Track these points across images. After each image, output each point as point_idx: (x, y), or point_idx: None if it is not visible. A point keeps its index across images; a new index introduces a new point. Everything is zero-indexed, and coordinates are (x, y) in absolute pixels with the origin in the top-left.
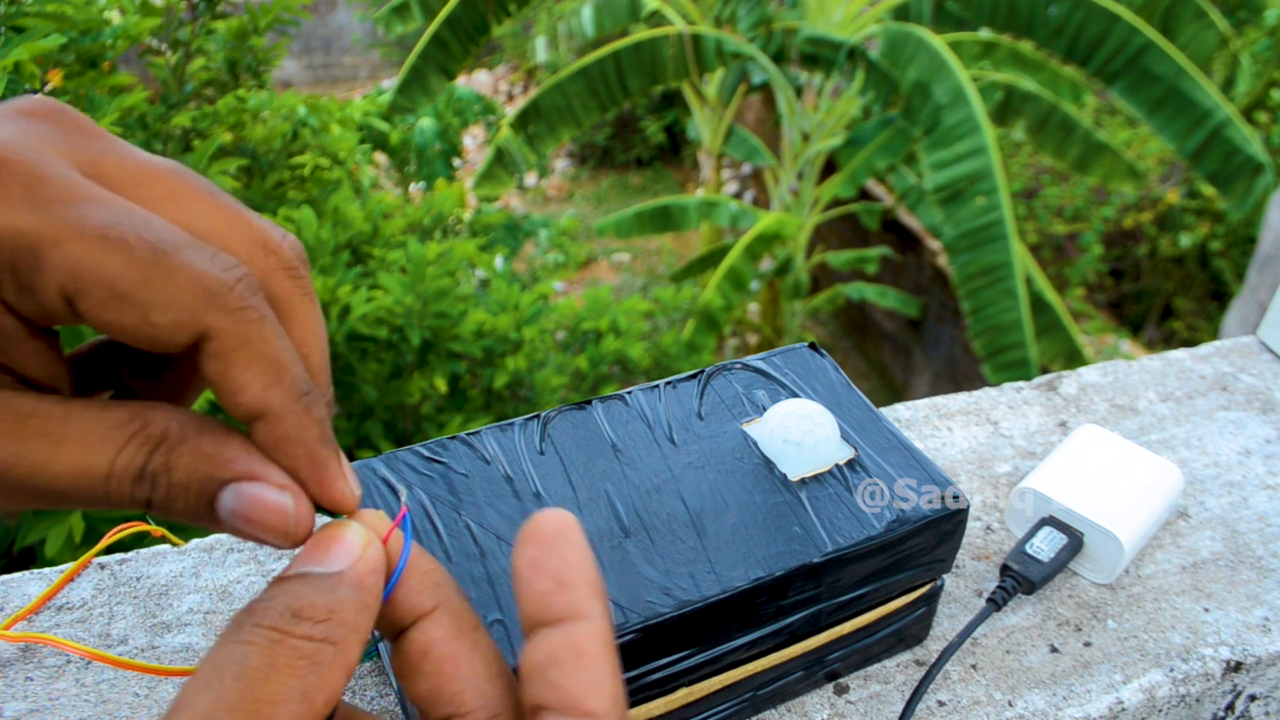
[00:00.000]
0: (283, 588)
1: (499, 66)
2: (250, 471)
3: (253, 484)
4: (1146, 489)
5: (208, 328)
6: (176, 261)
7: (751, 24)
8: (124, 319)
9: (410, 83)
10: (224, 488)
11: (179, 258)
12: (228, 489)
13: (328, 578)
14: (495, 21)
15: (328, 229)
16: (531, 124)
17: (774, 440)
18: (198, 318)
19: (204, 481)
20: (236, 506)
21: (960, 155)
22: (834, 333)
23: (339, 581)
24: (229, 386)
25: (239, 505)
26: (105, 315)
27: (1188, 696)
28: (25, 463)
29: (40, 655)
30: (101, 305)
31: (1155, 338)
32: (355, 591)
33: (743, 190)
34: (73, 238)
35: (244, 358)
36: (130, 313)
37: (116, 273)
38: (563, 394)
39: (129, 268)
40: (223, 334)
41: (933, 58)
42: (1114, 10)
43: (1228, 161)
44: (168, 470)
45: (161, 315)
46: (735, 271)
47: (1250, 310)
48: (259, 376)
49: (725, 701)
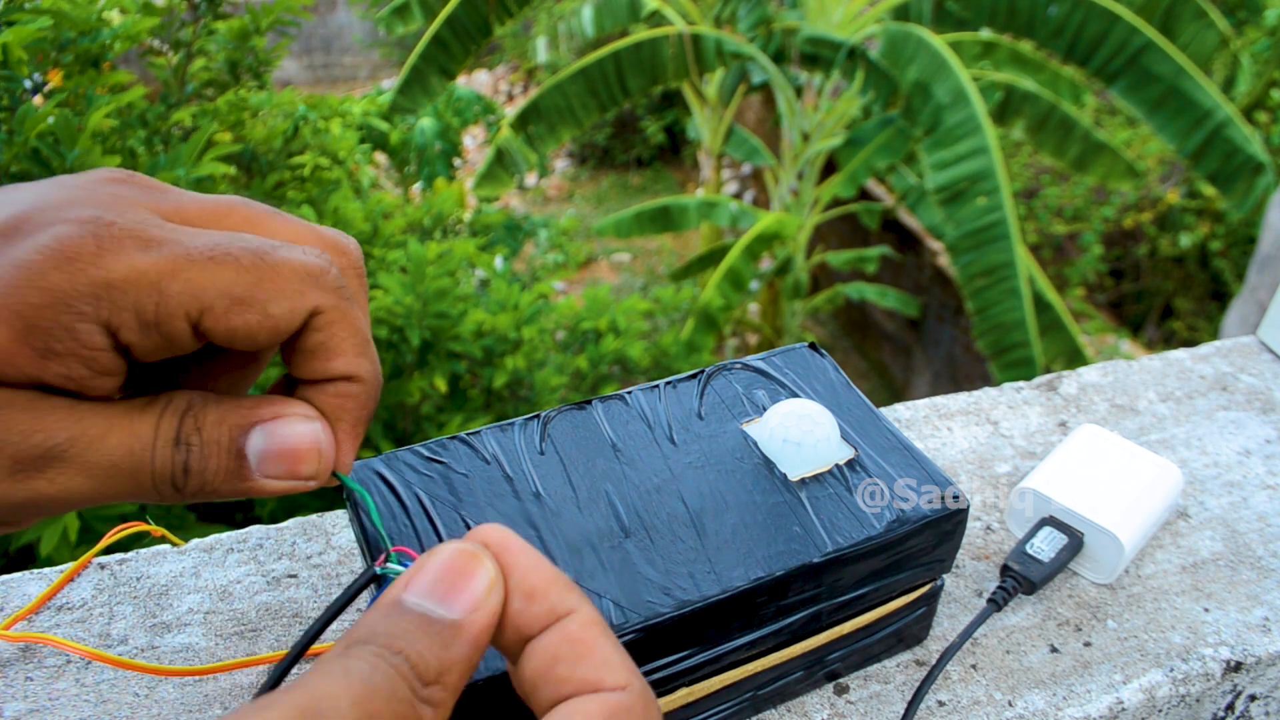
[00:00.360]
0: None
1: (499, 66)
2: (274, 411)
3: (278, 420)
4: (1146, 489)
5: (316, 305)
6: (277, 259)
7: (751, 24)
8: (247, 319)
9: (411, 83)
10: (251, 431)
11: (278, 256)
12: (255, 431)
13: (447, 627)
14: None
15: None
16: (531, 124)
17: (774, 440)
18: (307, 300)
19: (232, 431)
20: (267, 445)
21: (962, 155)
22: (834, 333)
23: (456, 634)
24: (329, 352)
25: (269, 443)
26: (231, 322)
27: (1188, 696)
28: (85, 438)
29: (40, 655)
30: (225, 314)
31: (1155, 338)
32: (469, 650)
33: (743, 190)
34: (185, 267)
35: (343, 328)
36: (252, 312)
37: (232, 281)
38: (562, 394)
39: (241, 275)
40: (328, 308)
41: (933, 57)
42: (1114, 10)
43: (1228, 161)
44: (199, 429)
45: (278, 306)
46: (734, 271)
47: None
48: (354, 346)
49: (725, 701)
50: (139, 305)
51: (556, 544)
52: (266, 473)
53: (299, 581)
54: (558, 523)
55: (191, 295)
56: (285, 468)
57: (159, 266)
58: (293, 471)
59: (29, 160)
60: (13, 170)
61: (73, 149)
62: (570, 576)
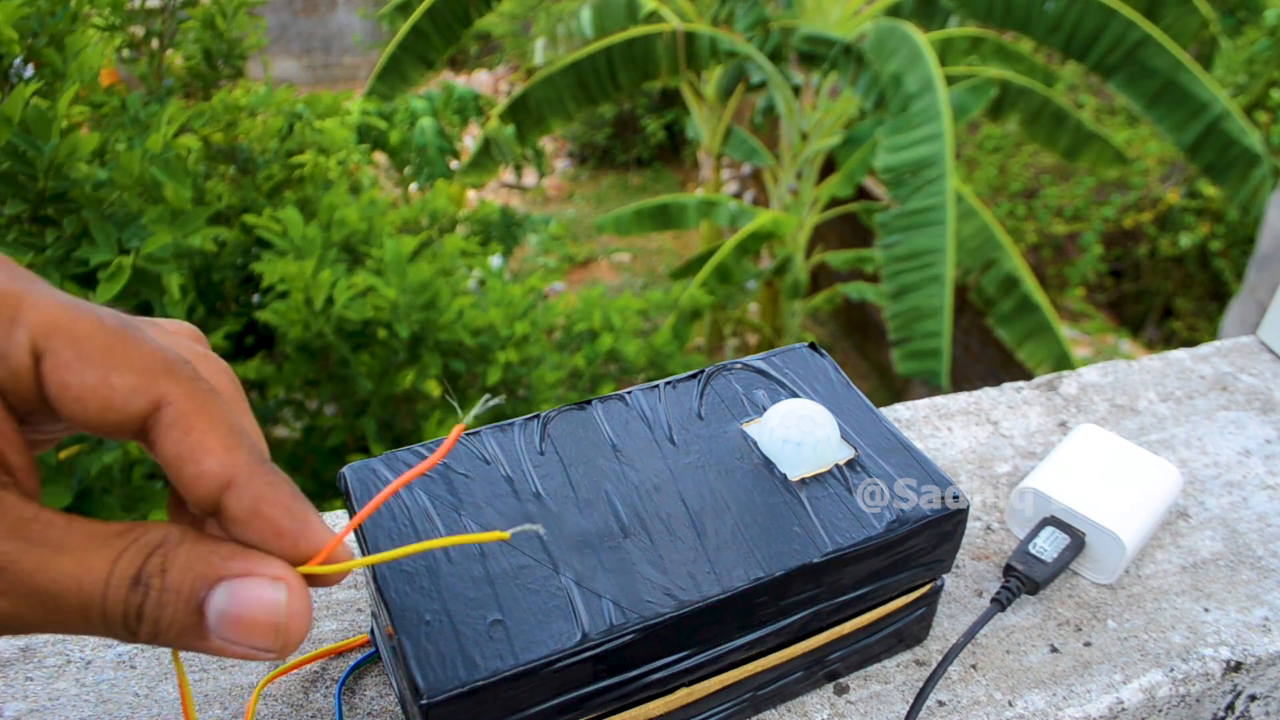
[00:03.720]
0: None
1: (499, 66)
2: (245, 567)
3: (244, 580)
4: (1147, 489)
5: (163, 394)
6: (139, 335)
7: (749, 24)
8: (85, 379)
9: (388, 71)
10: (215, 587)
11: (142, 333)
12: (219, 588)
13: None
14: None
15: (315, 228)
16: (520, 115)
17: (774, 440)
18: (155, 384)
19: (196, 581)
20: (227, 606)
21: (917, 140)
22: (834, 333)
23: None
24: (190, 454)
25: (229, 604)
26: (67, 375)
27: (1188, 696)
28: (29, 558)
29: (40, 655)
30: (66, 365)
31: (1155, 338)
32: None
33: (743, 190)
34: (49, 305)
35: (203, 422)
36: (92, 373)
37: (87, 334)
38: (560, 393)
39: (99, 331)
40: (180, 399)
41: (911, 49)
42: (1110, 4)
43: (1224, 153)
44: (163, 572)
45: (122, 378)
46: (723, 267)
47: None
48: (220, 440)
49: (725, 701)
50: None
51: (556, 544)
52: (222, 635)
53: None
54: (558, 523)
55: (44, 330)
56: (240, 636)
57: (18, 289)
58: (248, 641)
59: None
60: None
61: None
62: (570, 577)
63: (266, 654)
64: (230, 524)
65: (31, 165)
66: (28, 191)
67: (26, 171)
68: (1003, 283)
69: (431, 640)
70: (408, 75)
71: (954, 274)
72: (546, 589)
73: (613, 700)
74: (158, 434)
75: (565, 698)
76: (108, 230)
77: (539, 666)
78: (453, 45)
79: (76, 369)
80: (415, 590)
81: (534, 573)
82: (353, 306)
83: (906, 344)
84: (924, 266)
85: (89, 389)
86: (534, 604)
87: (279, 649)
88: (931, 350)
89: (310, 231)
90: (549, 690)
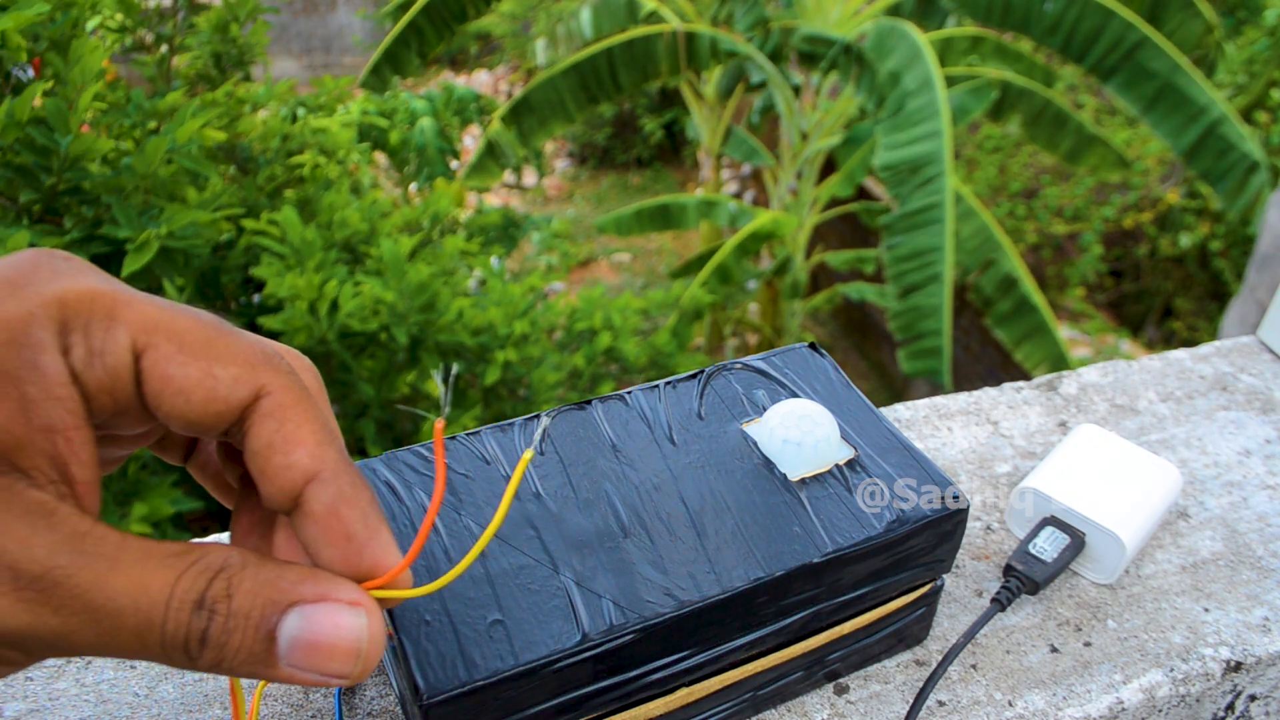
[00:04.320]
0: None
1: (499, 66)
2: (318, 591)
3: (320, 605)
4: (1147, 489)
5: (265, 383)
6: (236, 331)
7: (749, 24)
8: (189, 371)
9: (381, 65)
10: (287, 612)
11: (234, 330)
12: (291, 613)
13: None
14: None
15: (313, 230)
16: (523, 117)
17: (774, 440)
18: (257, 374)
19: (266, 607)
20: (301, 631)
21: (915, 138)
22: (834, 333)
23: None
24: (283, 444)
25: (304, 629)
26: (170, 368)
27: (1188, 696)
28: (85, 574)
29: None
30: (168, 359)
31: (1155, 338)
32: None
33: (743, 190)
34: (145, 302)
35: (298, 415)
36: (196, 365)
37: (187, 328)
38: (560, 393)
39: (198, 326)
40: (280, 388)
41: (910, 48)
42: (1109, 6)
43: (1222, 158)
44: (228, 596)
45: (225, 369)
46: (724, 267)
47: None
48: (313, 434)
49: (725, 701)
50: (89, 325)
51: (556, 544)
52: (294, 662)
53: None
54: (558, 523)
55: (143, 325)
56: (317, 663)
57: (115, 291)
58: (324, 669)
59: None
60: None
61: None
62: (570, 577)
63: (339, 681)
64: (304, 519)
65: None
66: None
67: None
68: (1001, 283)
69: (431, 640)
70: (401, 68)
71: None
72: (546, 589)
73: (613, 700)
74: (252, 423)
75: (565, 698)
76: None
77: (539, 666)
78: (447, 41)
79: (180, 361)
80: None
81: (534, 573)
82: (357, 315)
83: (910, 344)
84: (924, 266)
85: (193, 381)
86: (534, 604)
87: (357, 675)
88: (933, 349)
89: (309, 234)
90: (549, 690)
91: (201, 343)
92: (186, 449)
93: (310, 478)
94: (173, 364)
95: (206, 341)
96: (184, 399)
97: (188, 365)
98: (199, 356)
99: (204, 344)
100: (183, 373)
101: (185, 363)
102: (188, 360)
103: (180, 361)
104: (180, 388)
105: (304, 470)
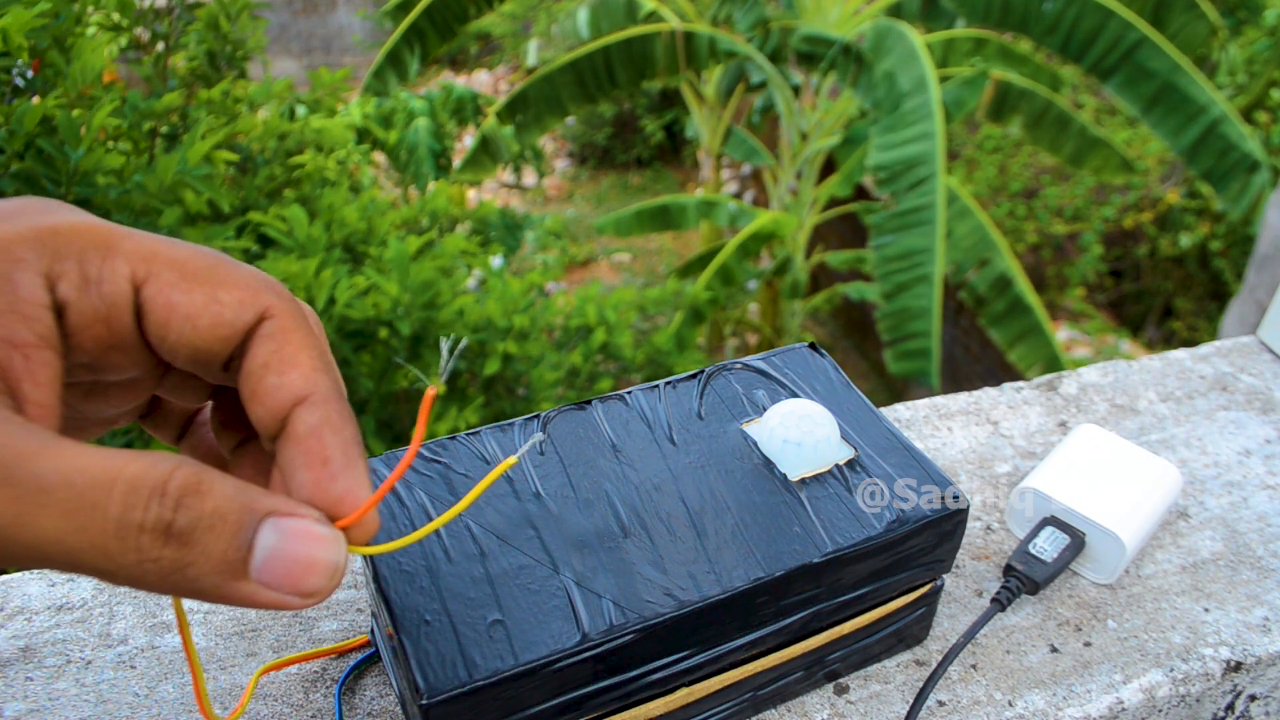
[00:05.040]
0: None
1: (499, 66)
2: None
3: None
4: (1147, 489)
5: (269, 305)
6: (235, 261)
7: (749, 25)
8: (193, 297)
9: (384, 68)
10: (263, 522)
11: (235, 261)
12: (265, 524)
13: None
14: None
15: (319, 227)
16: (518, 112)
17: (774, 440)
18: (261, 296)
19: (243, 512)
20: (280, 543)
21: (909, 139)
22: (834, 333)
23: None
24: (278, 365)
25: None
26: (174, 295)
27: (1188, 696)
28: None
29: (40, 655)
30: (172, 286)
31: (1155, 338)
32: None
33: (743, 190)
34: (145, 237)
35: (298, 338)
36: (200, 290)
37: (187, 258)
38: (559, 391)
39: (198, 256)
40: (282, 312)
41: (907, 49)
42: (1108, 5)
43: (1223, 158)
44: (199, 492)
45: (229, 293)
46: (726, 268)
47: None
48: (310, 359)
49: (725, 701)
50: (84, 255)
51: (556, 544)
52: (266, 578)
53: None
54: (558, 523)
55: (142, 257)
56: (292, 578)
57: (112, 226)
58: (297, 584)
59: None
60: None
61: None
62: (570, 577)
63: (307, 600)
64: (287, 441)
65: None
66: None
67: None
68: (995, 283)
69: (431, 640)
70: (404, 71)
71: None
72: (546, 589)
73: (613, 700)
74: (252, 345)
75: (565, 698)
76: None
77: (539, 666)
78: (449, 42)
79: (184, 288)
80: (415, 590)
81: (534, 573)
82: (355, 306)
83: (897, 344)
84: (913, 266)
85: (199, 306)
86: (534, 604)
87: (324, 594)
88: (921, 350)
89: (315, 231)
90: (549, 690)
91: (204, 270)
92: (181, 427)
93: (300, 400)
94: (176, 291)
95: (208, 269)
96: (190, 325)
97: (192, 291)
98: (202, 283)
99: (206, 271)
100: (188, 299)
101: (189, 289)
102: (191, 287)
103: (184, 289)
104: (186, 314)
105: (295, 391)
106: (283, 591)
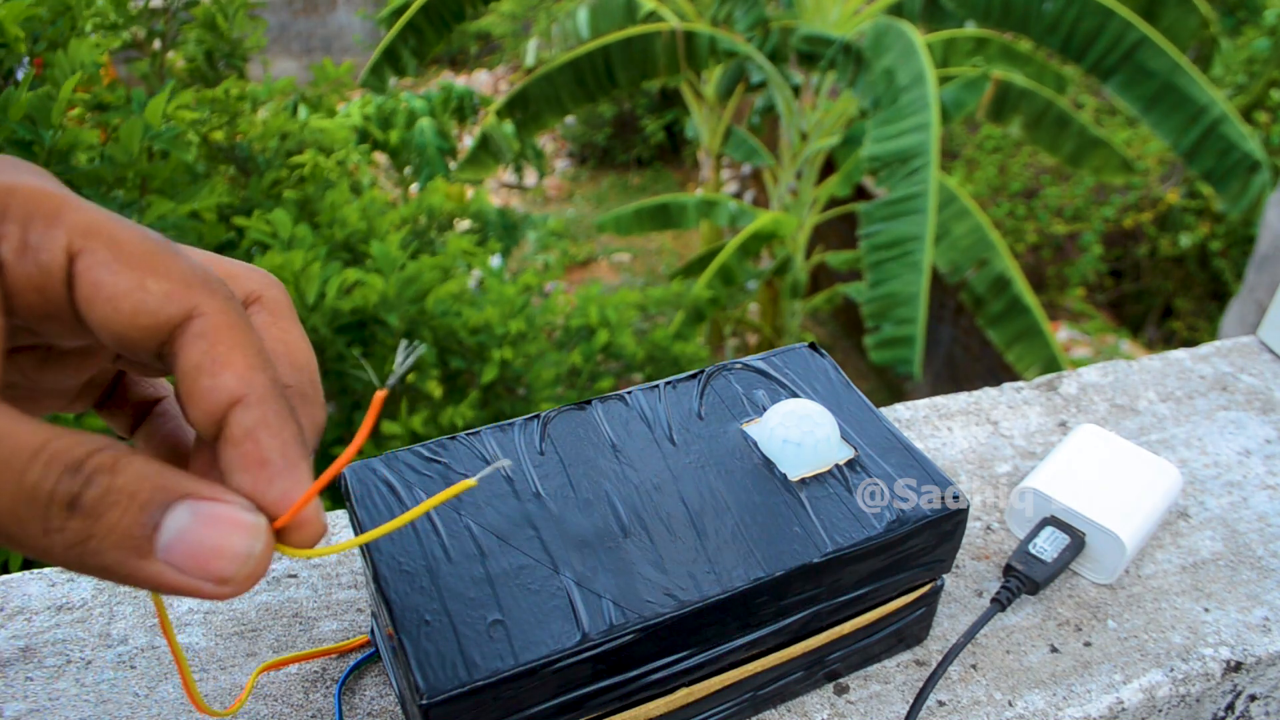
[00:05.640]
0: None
1: (499, 66)
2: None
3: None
4: (1147, 489)
5: (197, 304)
6: (179, 250)
7: (749, 25)
8: (120, 280)
9: (381, 65)
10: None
11: (181, 250)
12: (182, 505)
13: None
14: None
15: (305, 227)
16: (518, 111)
17: (774, 440)
18: (191, 294)
19: (155, 491)
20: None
21: (904, 131)
22: (834, 333)
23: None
24: (210, 366)
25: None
26: (103, 274)
27: (1188, 696)
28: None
29: (40, 655)
30: (103, 264)
31: (1155, 338)
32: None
33: (743, 190)
34: (91, 209)
35: (231, 337)
36: (129, 275)
37: (127, 239)
38: (559, 391)
39: (139, 239)
40: (214, 310)
41: (905, 46)
42: (1107, 4)
43: (1223, 158)
44: (112, 470)
45: (158, 283)
46: (726, 268)
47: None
48: (245, 358)
49: (725, 701)
50: (29, 219)
51: (556, 544)
52: (174, 559)
53: (299, 581)
54: (558, 523)
55: (83, 230)
56: (199, 563)
57: (64, 197)
58: (205, 569)
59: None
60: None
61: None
62: (570, 577)
63: (221, 588)
64: (224, 444)
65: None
66: None
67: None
68: (994, 283)
69: (431, 640)
70: (401, 67)
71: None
72: (546, 589)
73: (613, 700)
74: (182, 344)
75: (565, 698)
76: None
77: (539, 666)
78: (446, 40)
79: (113, 269)
80: (415, 590)
81: (534, 573)
82: (346, 300)
83: (879, 331)
84: (903, 255)
85: (123, 291)
86: (534, 604)
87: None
88: (904, 338)
89: (300, 230)
90: (549, 690)
91: (139, 254)
92: (136, 418)
93: (235, 401)
94: (105, 270)
95: (145, 254)
96: (112, 307)
97: (119, 274)
98: (133, 268)
99: (141, 256)
100: (113, 280)
101: (117, 270)
102: (120, 269)
103: (113, 269)
104: (109, 295)
105: (229, 393)
106: (192, 575)
